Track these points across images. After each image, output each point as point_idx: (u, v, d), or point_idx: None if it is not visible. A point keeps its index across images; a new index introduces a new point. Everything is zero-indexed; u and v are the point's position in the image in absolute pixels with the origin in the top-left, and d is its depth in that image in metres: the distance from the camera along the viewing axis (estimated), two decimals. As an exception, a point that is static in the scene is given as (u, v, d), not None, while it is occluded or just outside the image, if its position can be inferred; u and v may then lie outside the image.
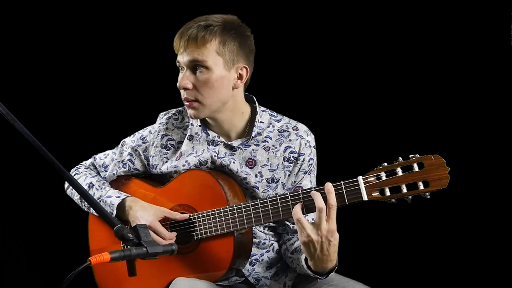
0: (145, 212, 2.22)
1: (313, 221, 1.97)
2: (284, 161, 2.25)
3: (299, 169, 2.25)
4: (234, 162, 2.25)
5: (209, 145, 2.28)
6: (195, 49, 2.14)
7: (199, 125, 2.30)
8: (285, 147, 2.25)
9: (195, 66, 2.16)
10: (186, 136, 2.32)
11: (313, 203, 1.97)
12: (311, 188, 2.03)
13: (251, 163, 2.25)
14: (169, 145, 2.34)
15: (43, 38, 3.24)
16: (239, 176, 2.25)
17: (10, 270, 3.28)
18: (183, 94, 2.20)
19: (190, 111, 2.22)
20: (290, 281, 2.30)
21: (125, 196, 2.29)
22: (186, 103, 2.21)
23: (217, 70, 2.17)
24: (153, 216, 2.20)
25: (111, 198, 2.28)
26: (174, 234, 2.21)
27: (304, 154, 2.25)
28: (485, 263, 2.94)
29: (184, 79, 2.17)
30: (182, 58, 2.17)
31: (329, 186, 1.96)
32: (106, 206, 2.27)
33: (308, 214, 2.09)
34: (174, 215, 2.22)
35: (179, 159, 2.30)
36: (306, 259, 2.08)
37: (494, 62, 2.87)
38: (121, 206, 2.27)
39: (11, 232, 3.31)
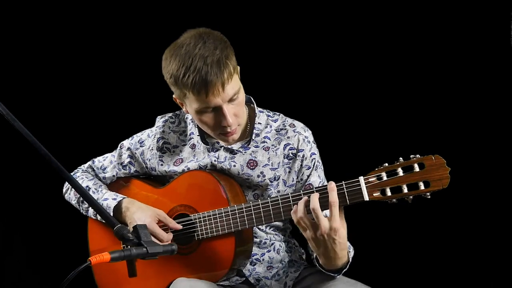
0: (142, 213, 2.22)
1: (313, 221, 1.97)
2: (284, 158, 2.25)
3: (301, 165, 2.25)
4: (235, 166, 2.25)
5: (210, 152, 2.28)
6: (227, 86, 2.07)
7: (198, 135, 2.30)
8: (284, 145, 2.26)
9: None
10: (189, 145, 2.32)
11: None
12: (313, 188, 2.03)
13: (252, 164, 2.25)
14: (164, 148, 2.33)
15: (43, 40, 3.24)
16: (241, 178, 2.25)
17: (10, 270, 3.28)
18: (227, 129, 2.14)
19: (232, 137, 2.18)
20: (290, 281, 2.30)
21: (121, 198, 2.29)
22: (227, 135, 2.16)
23: (241, 87, 2.16)
24: (150, 217, 2.20)
25: (107, 200, 2.28)
26: (170, 236, 2.21)
27: (303, 150, 2.25)
28: (485, 263, 2.94)
29: (231, 116, 2.11)
30: (220, 101, 2.08)
31: (332, 185, 1.95)
32: None
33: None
34: (169, 221, 2.21)
35: (178, 164, 2.30)
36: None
37: (494, 62, 2.87)
38: (118, 208, 2.27)
39: (11, 232, 3.31)
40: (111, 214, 2.25)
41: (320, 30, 3.10)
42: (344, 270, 2.10)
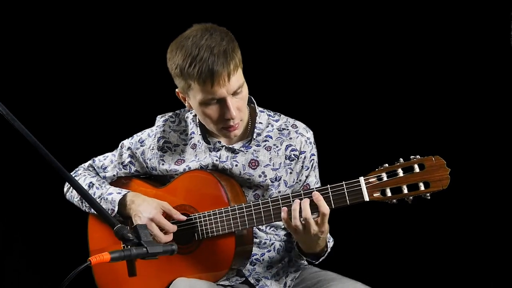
0: (148, 205, 2.22)
1: (303, 222, 2.03)
2: (286, 159, 2.25)
3: (302, 166, 2.26)
4: (236, 165, 2.25)
5: (211, 152, 2.28)
6: (232, 77, 2.08)
7: (200, 134, 2.30)
8: (286, 146, 2.26)
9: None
10: (190, 145, 2.32)
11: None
12: (312, 189, 2.05)
13: (254, 164, 2.25)
14: (165, 147, 2.33)
15: (43, 40, 3.24)
16: (242, 178, 2.25)
17: (10, 270, 3.28)
18: (230, 122, 2.14)
19: (234, 132, 2.18)
20: (290, 281, 2.30)
21: (126, 192, 2.29)
22: (230, 128, 2.16)
23: (245, 82, 2.17)
24: (155, 209, 2.20)
25: (112, 195, 2.29)
26: (175, 227, 2.20)
27: (305, 151, 2.26)
28: (485, 263, 2.94)
29: (235, 109, 2.11)
30: (225, 92, 2.08)
31: (316, 195, 2.01)
32: (107, 203, 2.27)
33: None
34: (174, 212, 2.21)
35: (180, 164, 2.30)
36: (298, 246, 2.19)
37: (494, 62, 2.87)
38: (123, 201, 2.27)
39: (11, 232, 3.31)
40: (116, 207, 2.26)
41: (320, 30, 3.10)
42: (322, 258, 2.22)
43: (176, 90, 2.22)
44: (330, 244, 2.25)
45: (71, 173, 2.44)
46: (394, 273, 3.00)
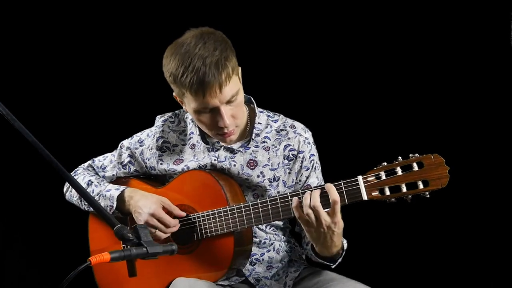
0: (147, 200, 2.22)
1: (314, 213, 1.98)
2: (284, 159, 2.25)
3: (301, 166, 2.25)
4: (235, 165, 2.25)
5: (210, 152, 2.28)
6: (225, 88, 2.07)
7: (198, 134, 2.30)
8: (284, 146, 2.26)
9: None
10: (189, 145, 2.32)
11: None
12: (311, 188, 2.05)
13: (252, 164, 2.25)
14: (164, 147, 2.34)
15: (43, 40, 3.24)
16: (241, 178, 2.25)
17: (10, 270, 3.28)
18: (224, 129, 2.14)
19: (229, 138, 2.18)
20: (290, 281, 2.31)
21: (124, 188, 2.30)
22: (224, 135, 2.16)
23: (240, 88, 2.16)
24: (155, 204, 2.20)
25: (110, 191, 2.29)
26: (177, 221, 2.20)
27: (304, 151, 2.25)
28: (485, 263, 2.94)
29: (228, 117, 2.11)
30: (217, 102, 2.08)
31: (329, 186, 1.98)
32: (106, 200, 2.27)
33: None
34: (173, 208, 2.21)
35: (178, 164, 2.30)
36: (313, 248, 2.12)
37: (494, 62, 2.87)
38: (121, 197, 2.27)
39: (11, 232, 3.31)
40: (115, 203, 2.26)
41: (320, 30, 3.10)
42: (339, 261, 2.14)
43: (173, 93, 2.23)
44: (345, 245, 2.18)
45: (71, 173, 2.45)
46: (394, 273, 3.00)
